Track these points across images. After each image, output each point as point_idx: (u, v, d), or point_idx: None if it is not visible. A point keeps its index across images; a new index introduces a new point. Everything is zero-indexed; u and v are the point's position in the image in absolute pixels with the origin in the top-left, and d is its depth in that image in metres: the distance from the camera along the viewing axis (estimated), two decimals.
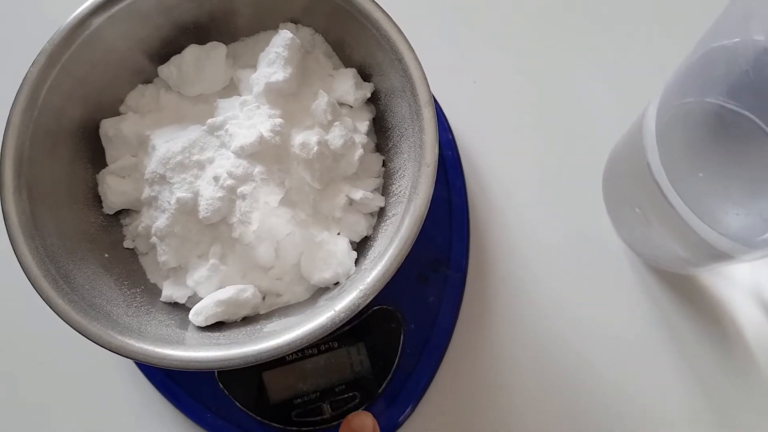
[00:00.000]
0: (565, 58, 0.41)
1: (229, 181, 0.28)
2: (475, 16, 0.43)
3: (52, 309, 0.26)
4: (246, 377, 0.35)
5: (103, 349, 0.26)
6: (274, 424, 0.34)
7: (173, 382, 0.35)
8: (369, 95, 0.32)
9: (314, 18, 0.33)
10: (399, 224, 0.27)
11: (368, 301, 0.26)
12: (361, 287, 0.26)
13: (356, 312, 0.26)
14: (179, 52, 0.32)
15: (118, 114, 0.33)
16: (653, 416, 0.35)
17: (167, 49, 0.33)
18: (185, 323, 0.29)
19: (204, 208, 0.28)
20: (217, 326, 0.29)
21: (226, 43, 0.33)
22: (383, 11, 0.30)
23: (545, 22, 0.42)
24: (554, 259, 0.38)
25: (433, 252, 0.36)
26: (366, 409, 0.34)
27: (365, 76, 0.33)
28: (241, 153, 0.28)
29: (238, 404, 0.34)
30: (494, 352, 0.36)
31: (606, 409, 0.35)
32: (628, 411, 0.35)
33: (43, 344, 0.37)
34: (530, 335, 0.36)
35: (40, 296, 0.26)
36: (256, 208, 0.29)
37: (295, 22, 0.33)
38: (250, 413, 0.34)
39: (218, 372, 0.35)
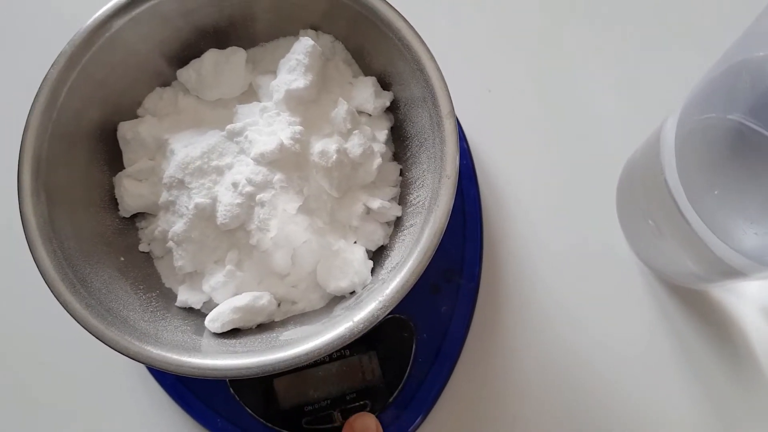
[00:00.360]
0: (581, 67, 0.41)
1: (248, 188, 0.28)
2: (491, 25, 0.43)
3: (70, 313, 0.26)
4: (257, 383, 0.34)
5: (120, 354, 0.26)
6: (284, 431, 0.34)
7: (184, 387, 0.35)
8: (388, 104, 0.32)
9: (334, 25, 0.33)
10: (418, 235, 0.27)
11: (387, 313, 0.26)
12: (380, 299, 0.26)
13: (375, 323, 0.26)
14: (198, 56, 0.32)
15: (136, 116, 0.32)
16: (663, 428, 0.35)
17: (186, 53, 0.33)
18: (200, 329, 0.29)
19: (222, 214, 0.28)
20: (233, 333, 0.29)
21: (245, 47, 0.33)
22: (405, 20, 0.30)
23: (561, 31, 0.42)
24: (567, 270, 0.38)
25: (446, 262, 0.36)
26: (377, 418, 0.34)
27: (385, 84, 0.33)
28: (261, 160, 0.28)
29: (248, 410, 0.34)
30: (506, 362, 0.36)
31: (615, 420, 0.35)
32: (637, 422, 0.35)
33: (52, 346, 0.37)
34: (542, 345, 0.36)
35: (58, 300, 0.26)
36: (274, 215, 0.29)
37: (314, 28, 0.33)
38: (261, 419, 0.34)
39: None
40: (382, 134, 0.32)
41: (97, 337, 0.26)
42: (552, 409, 0.36)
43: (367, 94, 0.32)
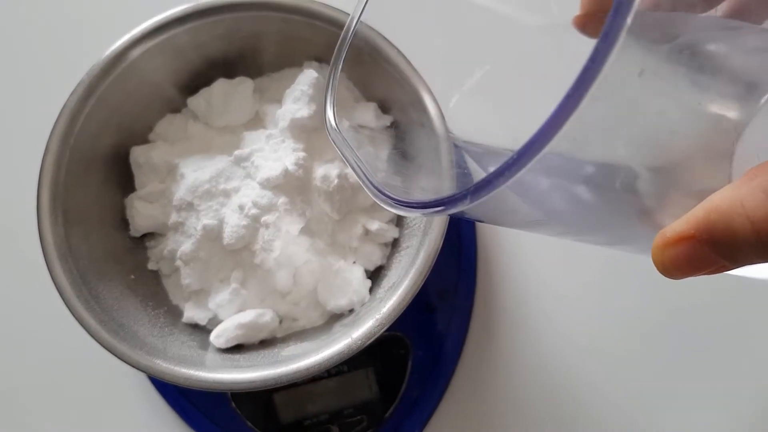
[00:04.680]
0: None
1: (254, 211, 0.30)
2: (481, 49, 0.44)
3: (84, 328, 0.27)
4: (257, 398, 0.36)
5: (130, 367, 0.27)
6: None
7: (186, 401, 0.36)
8: (388, 124, 0.34)
9: None
10: (414, 257, 0.29)
11: (383, 330, 0.27)
12: (377, 316, 0.27)
13: (372, 340, 0.27)
14: (207, 85, 0.34)
15: (147, 141, 0.34)
16: None
17: (196, 82, 0.34)
18: (205, 344, 0.30)
19: (229, 235, 0.30)
20: (236, 348, 0.30)
21: (252, 77, 0.35)
22: (403, 56, 0.31)
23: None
24: (560, 287, 0.39)
25: (441, 281, 0.38)
26: None
27: (385, 109, 0.34)
28: (267, 184, 0.30)
29: (249, 424, 0.35)
30: (499, 379, 0.37)
31: None
32: None
33: (55, 359, 0.38)
34: (536, 363, 0.38)
35: (73, 315, 0.27)
36: (278, 236, 0.30)
37: (318, 60, 0.35)
38: None
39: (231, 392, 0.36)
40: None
41: (109, 351, 0.27)
42: (546, 427, 0.37)
43: (368, 117, 0.33)
